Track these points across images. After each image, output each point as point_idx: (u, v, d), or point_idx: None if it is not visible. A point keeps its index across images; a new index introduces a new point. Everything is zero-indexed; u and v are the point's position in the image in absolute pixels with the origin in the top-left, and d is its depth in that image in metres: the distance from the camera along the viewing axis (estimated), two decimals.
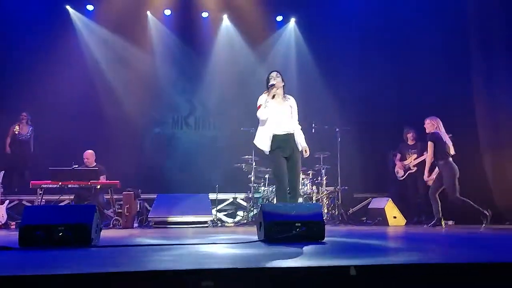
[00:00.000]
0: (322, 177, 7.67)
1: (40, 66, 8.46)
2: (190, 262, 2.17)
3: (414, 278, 1.84)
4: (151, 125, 9.59)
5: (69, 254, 2.57)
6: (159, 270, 1.81)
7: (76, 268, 1.92)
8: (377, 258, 2.17)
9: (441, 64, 7.63)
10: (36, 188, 6.51)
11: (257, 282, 1.81)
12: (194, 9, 9.64)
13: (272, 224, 3.35)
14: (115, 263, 2.15)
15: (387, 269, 1.85)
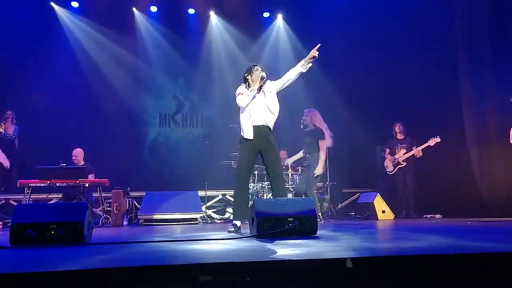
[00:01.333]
0: None
1: (25, 64, 8.33)
2: (187, 257, 2.17)
3: (410, 269, 1.87)
4: (138, 122, 9.53)
5: (62, 252, 2.55)
6: (156, 266, 1.81)
7: (72, 265, 1.90)
8: (372, 250, 2.20)
9: (428, 59, 7.70)
10: (24, 187, 6.42)
11: (255, 276, 1.82)
12: (180, 5, 9.59)
13: (264, 219, 3.37)
14: (111, 259, 2.14)
15: (383, 261, 1.88)
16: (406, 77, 8.04)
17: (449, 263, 1.90)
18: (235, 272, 1.82)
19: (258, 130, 4.40)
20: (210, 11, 9.80)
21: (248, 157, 4.40)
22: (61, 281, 1.71)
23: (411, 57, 7.95)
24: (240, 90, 4.49)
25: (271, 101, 4.53)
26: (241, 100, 4.40)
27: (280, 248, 2.42)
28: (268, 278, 1.81)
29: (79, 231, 3.08)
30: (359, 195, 8.16)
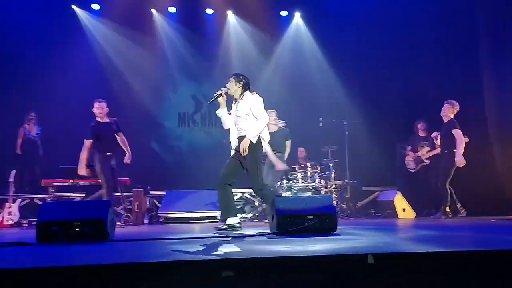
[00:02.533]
0: (330, 171, 7.66)
1: (47, 65, 8.50)
2: (209, 253, 2.20)
3: (433, 265, 1.86)
4: (158, 122, 9.64)
5: (86, 248, 2.61)
6: (180, 261, 1.85)
7: (96, 260, 1.95)
8: (394, 247, 2.19)
9: (450, 56, 7.61)
10: (48, 186, 6.60)
11: (276, 271, 1.84)
12: (199, 6, 9.66)
13: (284, 217, 3.38)
14: (134, 255, 2.18)
15: (405, 257, 1.87)
16: (427, 73, 7.93)
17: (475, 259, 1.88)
18: (257, 268, 1.84)
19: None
20: (228, 11, 9.84)
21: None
22: (85, 275, 1.75)
23: (433, 54, 7.85)
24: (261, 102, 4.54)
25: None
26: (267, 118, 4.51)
27: (300, 245, 2.42)
28: (289, 274, 1.82)
29: (102, 228, 3.14)
30: (378, 193, 8.08)
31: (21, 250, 2.65)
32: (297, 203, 3.55)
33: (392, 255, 1.88)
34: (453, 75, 7.56)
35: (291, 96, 9.08)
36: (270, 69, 9.74)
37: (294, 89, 9.37)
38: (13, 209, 6.77)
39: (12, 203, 6.79)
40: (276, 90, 9.16)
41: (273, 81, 9.51)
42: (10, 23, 8.28)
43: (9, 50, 8.29)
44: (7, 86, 8.23)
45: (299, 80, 9.55)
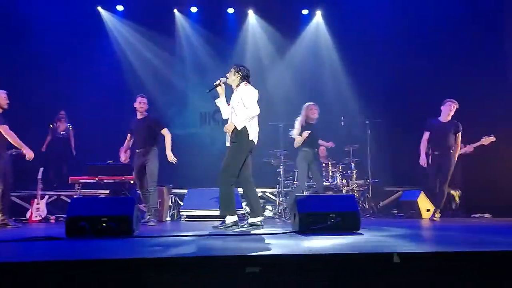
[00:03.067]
0: (351, 170, 7.62)
1: (75, 66, 8.71)
2: (233, 249, 2.24)
3: (458, 266, 1.85)
4: (180, 121, 9.74)
5: (114, 243, 2.67)
6: (205, 256, 1.88)
7: (123, 254, 2.01)
8: (419, 246, 2.18)
9: (473, 56, 7.48)
10: (74, 183, 6.77)
11: (299, 268, 1.85)
12: (220, 5, 9.72)
13: (306, 215, 3.38)
14: (160, 251, 2.23)
15: (431, 257, 1.86)
16: (454, 73, 7.82)
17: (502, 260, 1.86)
18: (280, 264, 1.86)
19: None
20: (249, 10, 9.87)
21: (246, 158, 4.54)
22: (113, 268, 1.81)
23: (457, 54, 7.73)
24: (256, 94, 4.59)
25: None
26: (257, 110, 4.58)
27: (322, 243, 2.43)
28: (312, 271, 1.83)
29: (128, 224, 3.22)
30: (401, 193, 7.99)
31: (51, 244, 2.74)
32: (319, 202, 3.55)
33: (418, 254, 1.88)
34: (481, 75, 7.42)
35: (312, 95, 9.04)
36: (290, 67, 9.73)
37: (315, 88, 9.34)
38: (41, 205, 6.96)
39: (40, 199, 6.99)
40: (296, 88, 9.18)
41: (293, 79, 9.53)
42: (38, 24, 8.50)
43: (39, 51, 8.52)
44: (37, 86, 8.47)
45: (320, 78, 9.52)
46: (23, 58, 8.55)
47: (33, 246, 2.62)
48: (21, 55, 8.53)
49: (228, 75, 4.69)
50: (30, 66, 8.56)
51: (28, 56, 8.55)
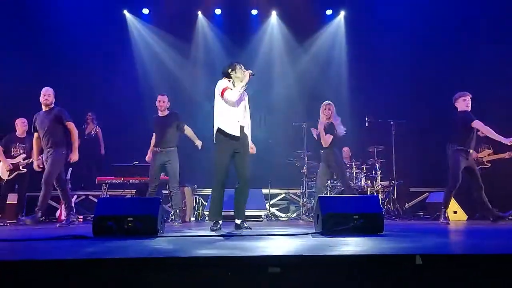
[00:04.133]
0: (376, 171, 7.55)
1: (103, 68, 8.94)
2: (256, 250, 2.26)
3: (482, 268, 1.81)
4: (204, 123, 9.84)
5: (140, 242, 2.74)
6: (228, 256, 1.91)
7: (148, 253, 2.05)
8: (443, 248, 2.15)
9: (499, 55, 7.31)
10: (101, 183, 6.95)
11: (321, 269, 1.86)
12: (244, 6, 9.78)
13: (329, 216, 3.37)
14: (184, 250, 2.27)
15: (454, 259, 1.84)
16: (478, 74, 7.67)
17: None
18: (302, 265, 1.87)
19: (241, 130, 4.36)
20: (273, 11, 9.90)
21: (226, 156, 4.30)
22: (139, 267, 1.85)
23: (485, 53, 7.57)
24: (226, 84, 4.35)
25: (247, 102, 4.52)
26: (232, 95, 4.24)
27: (345, 244, 2.43)
28: (334, 272, 1.83)
29: (153, 224, 3.28)
30: (428, 194, 7.85)
31: (79, 242, 2.82)
32: (342, 203, 3.53)
33: (441, 256, 1.85)
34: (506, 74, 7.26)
35: (335, 95, 9.01)
36: (314, 67, 9.73)
37: (338, 88, 9.31)
38: None
39: None
40: (319, 88, 9.14)
41: (316, 79, 9.51)
42: (67, 28, 8.75)
43: (67, 54, 8.77)
44: (66, 88, 8.71)
45: (343, 78, 9.48)
46: (49, 60, 8.82)
47: (62, 244, 2.70)
48: (48, 57, 8.80)
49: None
50: (57, 68, 8.82)
51: (54, 59, 8.83)
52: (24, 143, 6.77)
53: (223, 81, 4.42)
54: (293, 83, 9.67)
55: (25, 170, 6.75)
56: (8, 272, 1.76)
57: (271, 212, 8.03)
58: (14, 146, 6.69)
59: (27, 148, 6.76)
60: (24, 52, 8.35)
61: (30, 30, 8.67)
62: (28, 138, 6.85)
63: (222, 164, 4.30)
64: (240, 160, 4.36)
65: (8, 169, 6.59)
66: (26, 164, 6.74)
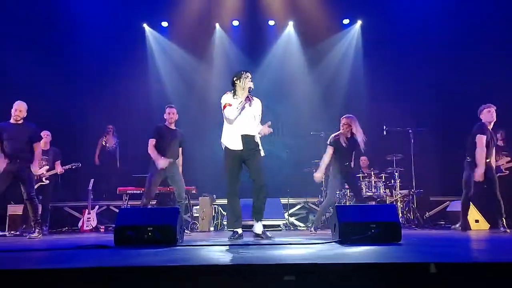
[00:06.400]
0: (395, 180, 7.48)
1: (122, 81, 9.15)
2: (272, 258, 2.29)
3: (500, 277, 1.81)
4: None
5: (159, 251, 2.80)
6: (245, 264, 1.95)
7: (169, 262, 2.11)
8: (458, 256, 2.14)
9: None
10: (122, 194, 7.08)
11: (337, 277, 1.88)
12: (261, 18, 9.90)
13: (346, 225, 3.38)
14: (203, 259, 2.32)
15: (470, 268, 1.83)
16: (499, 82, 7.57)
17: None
18: (318, 273, 1.89)
19: (245, 139, 4.40)
20: (289, 21, 9.99)
21: (235, 165, 4.41)
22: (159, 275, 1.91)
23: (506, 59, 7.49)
24: (227, 100, 4.43)
25: (256, 110, 4.53)
26: (230, 113, 4.36)
27: (362, 253, 2.44)
28: (349, 280, 1.86)
29: (172, 233, 3.35)
30: (449, 203, 7.73)
31: (101, 251, 2.91)
32: (359, 212, 3.54)
33: (456, 265, 1.85)
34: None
35: (353, 104, 9.01)
36: (332, 76, 9.76)
37: (355, 96, 9.30)
38: (92, 215, 7.32)
39: (90, 209, 7.35)
40: (337, 97, 9.15)
41: (334, 88, 9.53)
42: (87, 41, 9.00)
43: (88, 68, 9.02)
44: (90, 101, 8.96)
45: (360, 87, 9.47)
46: (69, 73, 9.07)
47: (84, 253, 2.79)
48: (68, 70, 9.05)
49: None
50: (77, 81, 9.08)
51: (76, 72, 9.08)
52: (47, 155, 6.95)
53: (225, 96, 4.51)
54: (310, 92, 9.70)
55: (48, 182, 6.94)
56: (35, 280, 1.84)
57: (290, 221, 8.02)
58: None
59: (50, 160, 6.94)
60: (44, 66, 8.51)
61: (50, 43, 8.91)
62: (51, 150, 7.05)
63: (232, 174, 4.43)
64: (251, 167, 4.43)
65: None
66: (49, 176, 6.93)
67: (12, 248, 3.48)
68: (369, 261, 2.00)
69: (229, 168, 4.44)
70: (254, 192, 4.44)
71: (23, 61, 8.15)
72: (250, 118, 4.47)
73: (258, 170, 4.40)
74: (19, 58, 8.11)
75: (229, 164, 4.44)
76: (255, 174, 4.40)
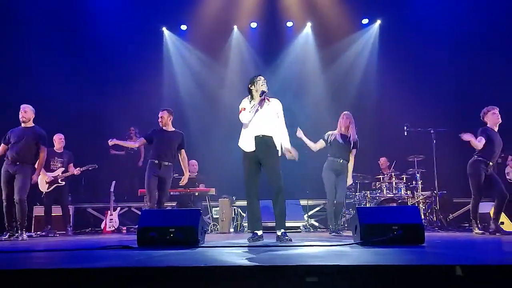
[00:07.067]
0: (417, 181, 7.38)
1: (142, 84, 9.28)
2: (294, 259, 2.29)
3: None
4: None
5: (182, 252, 2.83)
6: (266, 266, 1.96)
7: (193, 262, 2.14)
8: (485, 259, 2.10)
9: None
10: (143, 195, 7.15)
11: (359, 279, 1.87)
12: (280, 19, 9.91)
13: (368, 227, 3.35)
14: (224, 260, 2.34)
15: (497, 270, 1.80)
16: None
17: None
18: (340, 275, 1.89)
19: (259, 140, 4.40)
20: (308, 22, 9.97)
21: (252, 167, 4.42)
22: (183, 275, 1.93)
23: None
24: (243, 105, 4.52)
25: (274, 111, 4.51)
26: (243, 117, 4.45)
27: (384, 255, 2.42)
28: (372, 282, 1.84)
29: (194, 234, 3.38)
30: None
31: (125, 252, 2.96)
32: (381, 214, 3.50)
33: (483, 267, 1.82)
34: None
35: (373, 104, 8.94)
36: (350, 76, 9.70)
37: (375, 96, 9.22)
38: (114, 216, 7.44)
39: (112, 211, 7.47)
40: (358, 97, 9.09)
41: (353, 87, 9.46)
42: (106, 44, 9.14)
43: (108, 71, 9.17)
44: (106, 102, 9.10)
45: (381, 87, 9.37)
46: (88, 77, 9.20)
47: (108, 254, 2.84)
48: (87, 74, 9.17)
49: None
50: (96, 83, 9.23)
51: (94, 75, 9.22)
52: (62, 157, 7.08)
53: (242, 102, 4.59)
54: (329, 92, 9.66)
55: (64, 183, 7.06)
56: (64, 279, 1.89)
57: (310, 223, 8.00)
58: (53, 160, 7.00)
59: (64, 162, 7.08)
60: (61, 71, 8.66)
61: (70, 47, 9.07)
62: (65, 152, 7.17)
63: (249, 176, 4.46)
64: (267, 169, 4.44)
65: (49, 180, 6.90)
66: (65, 178, 7.05)
67: (38, 248, 3.57)
68: (393, 263, 1.99)
69: (246, 170, 4.47)
70: (273, 198, 4.45)
71: (42, 63, 8.28)
72: (265, 119, 4.48)
73: (273, 172, 4.39)
74: (40, 59, 8.24)
75: (246, 166, 4.46)
76: (271, 177, 4.41)
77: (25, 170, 5.51)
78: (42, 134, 5.73)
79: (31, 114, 5.70)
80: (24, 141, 5.55)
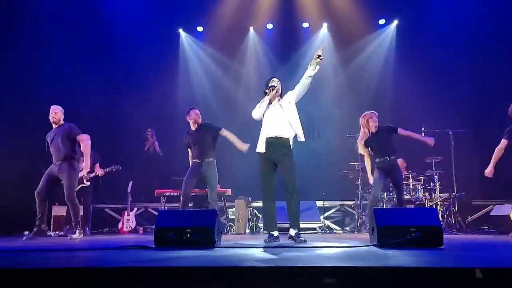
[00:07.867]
0: (435, 183, 7.29)
1: (159, 85, 9.38)
2: (311, 260, 2.29)
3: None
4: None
5: (199, 252, 2.85)
6: (284, 266, 1.96)
7: (209, 262, 2.15)
8: (505, 261, 2.07)
9: None
10: (160, 196, 7.24)
11: (376, 281, 1.86)
12: (296, 20, 9.90)
13: (385, 229, 3.32)
14: (241, 260, 2.35)
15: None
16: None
17: None
18: (358, 276, 1.88)
19: (272, 141, 4.38)
20: (324, 23, 9.93)
21: (267, 168, 4.42)
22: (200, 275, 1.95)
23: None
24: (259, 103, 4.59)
25: (289, 112, 4.50)
26: (254, 112, 4.54)
27: (401, 257, 2.40)
28: (389, 284, 1.83)
29: (210, 235, 3.40)
30: (492, 207, 7.45)
31: (143, 252, 2.99)
32: (398, 215, 3.47)
33: (503, 270, 1.79)
34: None
35: (389, 104, 8.86)
36: (368, 77, 9.63)
37: (392, 97, 9.14)
38: (131, 217, 7.52)
39: (130, 211, 7.55)
40: (375, 98, 9.01)
41: (370, 89, 9.39)
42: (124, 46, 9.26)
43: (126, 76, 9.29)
44: (129, 106, 9.21)
45: (398, 87, 9.29)
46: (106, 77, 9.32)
47: (127, 254, 2.88)
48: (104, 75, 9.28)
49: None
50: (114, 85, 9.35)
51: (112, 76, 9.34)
52: None
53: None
54: (346, 93, 9.60)
55: (88, 184, 7.16)
56: (81, 279, 1.93)
57: (326, 224, 7.96)
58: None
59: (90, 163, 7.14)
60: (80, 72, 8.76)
61: (88, 49, 9.20)
62: (91, 153, 7.25)
63: (264, 177, 4.49)
64: (281, 170, 4.45)
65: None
66: (90, 178, 7.16)
67: (57, 248, 3.63)
68: (411, 265, 1.97)
69: (261, 172, 4.51)
70: (287, 198, 4.43)
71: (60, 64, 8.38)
72: (279, 120, 4.49)
73: (288, 173, 4.38)
74: (58, 61, 8.36)
75: (261, 168, 4.50)
76: (285, 178, 4.40)
77: (67, 168, 5.49)
78: (71, 125, 5.72)
79: (60, 115, 5.73)
80: (56, 139, 5.58)
